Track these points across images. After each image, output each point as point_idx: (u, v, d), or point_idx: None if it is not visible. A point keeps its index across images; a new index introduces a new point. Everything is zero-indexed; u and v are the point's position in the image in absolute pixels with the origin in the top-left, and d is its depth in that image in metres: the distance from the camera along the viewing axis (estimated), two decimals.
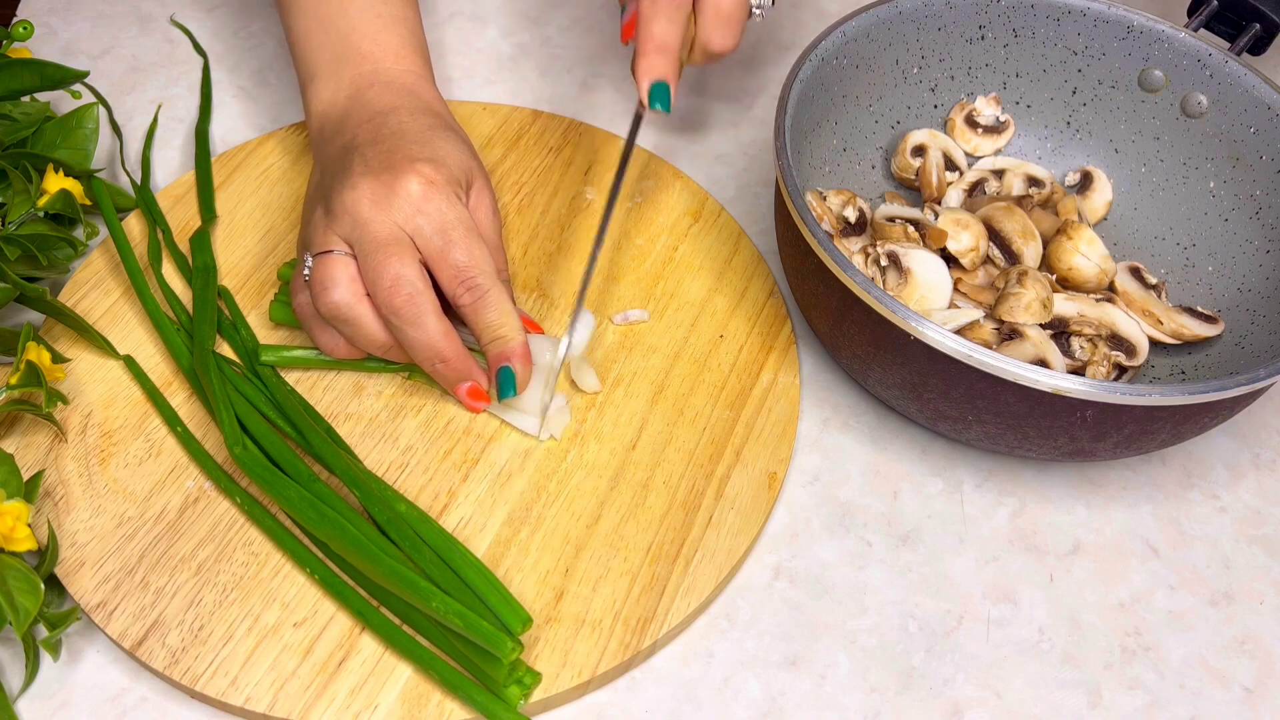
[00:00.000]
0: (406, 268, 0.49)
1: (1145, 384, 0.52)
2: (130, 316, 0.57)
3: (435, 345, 0.50)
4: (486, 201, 0.54)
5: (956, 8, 0.61)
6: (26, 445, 0.52)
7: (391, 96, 0.55)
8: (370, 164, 0.51)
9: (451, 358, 0.51)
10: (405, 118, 0.54)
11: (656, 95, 0.52)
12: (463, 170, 0.52)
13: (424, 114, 0.55)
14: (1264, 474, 0.57)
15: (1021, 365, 0.46)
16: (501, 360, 0.51)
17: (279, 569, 0.49)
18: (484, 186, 0.54)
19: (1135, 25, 0.61)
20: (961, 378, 0.48)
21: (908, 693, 0.48)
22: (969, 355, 0.46)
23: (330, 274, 0.50)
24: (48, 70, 0.60)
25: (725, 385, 0.56)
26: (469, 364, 0.52)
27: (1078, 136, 0.65)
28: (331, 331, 0.52)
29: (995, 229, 0.59)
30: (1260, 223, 0.58)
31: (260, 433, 0.51)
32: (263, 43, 0.72)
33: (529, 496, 0.52)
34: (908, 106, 0.64)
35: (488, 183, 0.55)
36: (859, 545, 0.53)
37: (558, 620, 0.48)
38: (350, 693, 0.45)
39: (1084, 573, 0.53)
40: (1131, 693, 0.49)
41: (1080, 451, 0.50)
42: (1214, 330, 0.57)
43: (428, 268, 0.50)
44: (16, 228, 0.56)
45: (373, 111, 0.54)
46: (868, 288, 0.48)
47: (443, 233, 0.50)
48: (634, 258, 0.61)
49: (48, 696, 0.46)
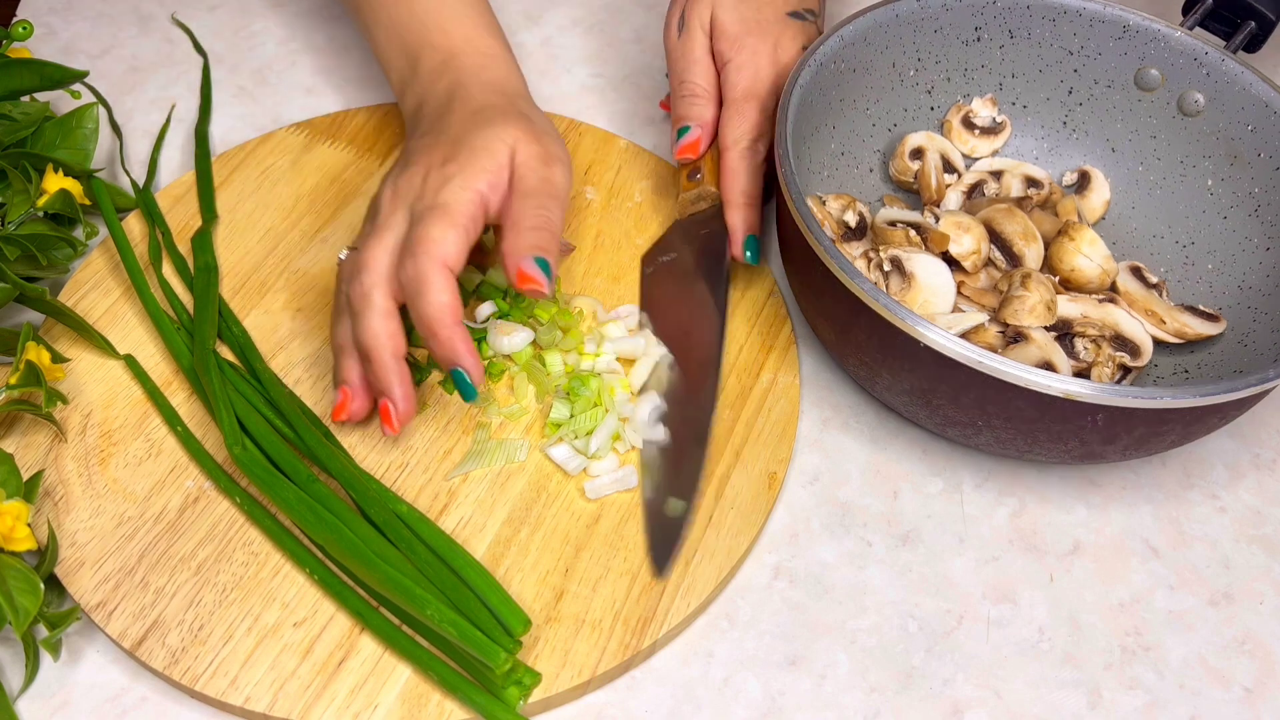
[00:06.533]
0: (375, 258, 0.49)
1: (1157, 386, 0.52)
2: (130, 316, 0.57)
3: (365, 344, 0.49)
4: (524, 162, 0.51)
5: (952, 10, 0.61)
6: (26, 445, 0.52)
7: (455, 85, 0.55)
8: (409, 159, 0.52)
9: (375, 362, 0.49)
10: (459, 108, 0.54)
11: (749, 247, 0.57)
12: (494, 159, 0.50)
13: (485, 96, 0.54)
14: (1264, 474, 0.57)
15: (1034, 371, 0.46)
16: (447, 363, 0.48)
17: (279, 569, 0.49)
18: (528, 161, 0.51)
19: (1131, 25, 0.61)
20: (972, 384, 0.48)
21: (908, 693, 0.48)
22: (980, 362, 0.46)
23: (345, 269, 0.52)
24: (47, 70, 0.60)
25: (725, 385, 0.56)
26: (390, 379, 0.49)
27: (1074, 136, 0.65)
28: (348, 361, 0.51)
29: (996, 231, 0.59)
30: (1259, 220, 0.58)
31: (260, 433, 0.51)
32: (263, 43, 0.72)
33: (529, 496, 0.51)
34: (904, 109, 0.64)
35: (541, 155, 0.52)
36: (859, 545, 0.53)
37: (557, 620, 0.48)
38: (350, 693, 0.45)
39: (1084, 573, 0.53)
40: (1131, 693, 0.49)
41: (1090, 455, 0.50)
42: (1216, 328, 0.57)
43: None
44: (16, 228, 0.56)
45: (437, 103, 0.55)
46: (876, 295, 0.48)
47: (423, 213, 0.49)
48: (634, 257, 0.61)
49: (48, 696, 0.46)
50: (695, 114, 0.59)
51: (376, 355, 0.49)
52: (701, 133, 0.59)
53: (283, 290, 0.58)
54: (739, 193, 0.57)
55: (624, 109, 0.70)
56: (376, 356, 0.49)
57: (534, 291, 0.49)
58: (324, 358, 0.56)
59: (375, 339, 0.49)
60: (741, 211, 0.57)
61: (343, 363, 0.51)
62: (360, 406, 0.51)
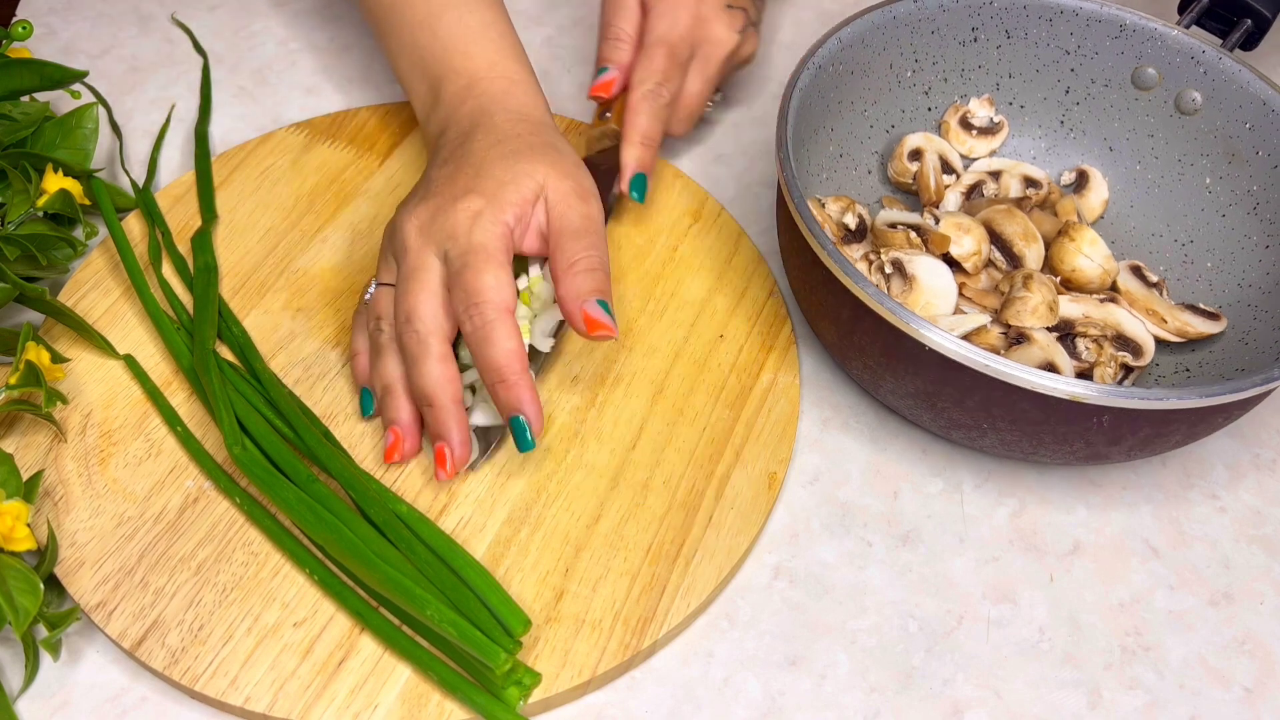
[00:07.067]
0: (424, 304, 0.49)
1: (1161, 387, 0.52)
2: (130, 316, 0.57)
3: (427, 390, 0.49)
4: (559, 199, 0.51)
5: (949, 11, 0.61)
6: (26, 445, 0.52)
7: (479, 111, 0.54)
8: (430, 189, 0.51)
9: (437, 407, 0.49)
10: (482, 136, 0.53)
11: (636, 185, 0.59)
12: (520, 192, 0.50)
13: (509, 125, 0.53)
14: (1264, 474, 0.57)
15: (1040, 373, 0.46)
16: (510, 410, 0.48)
17: (279, 569, 0.49)
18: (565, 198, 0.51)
19: (1128, 24, 0.61)
20: (977, 386, 0.47)
21: (907, 693, 0.48)
22: (985, 364, 0.46)
23: (382, 307, 0.52)
24: (47, 70, 0.60)
25: (725, 385, 0.56)
26: (451, 425, 0.49)
27: (1072, 136, 0.65)
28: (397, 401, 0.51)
29: (996, 232, 0.59)
30: (1258, 218, 0.59)
31: (260, 433, 0.51)
32: (263, 43, 0.72)
33: (529, 496, 0.52)
34: (902, 110, 0.64)
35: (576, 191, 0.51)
36: (859, 545, 0.53)
37: (557, 620, 0.48)
38: (350, 693, 0.45)
39: (1084, 573, 0.53)
40: (1131, 693, 0.49)
41: (1095, 456, 0.50)
42: (1217, 327, 0.57)
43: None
44: (16, 228, 0.56)
45: (459, 130, 0.54)
46: (880, 299, 0.47)
47: (463, 256, 0.49)
48: (634, 257, 0.61)
49: (48, 696, 0.46)
50: (615, 57, 0.62)
51: (439, 402, 0.49)
52: (617, 74, 0.62)
53: (283, 290, 0.58)
54: (636, 131, 0.59)
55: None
56: (439, 403, 0.49)
57: (603, 337, 0.49)
58: (324, 358, 0.56)
59: (437, 385, 0.49)
60: (636, 150, 0.59)
61: (392, 403, 0.51)
62: (412, 447, 0.51)
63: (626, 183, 0.59)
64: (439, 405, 0.49)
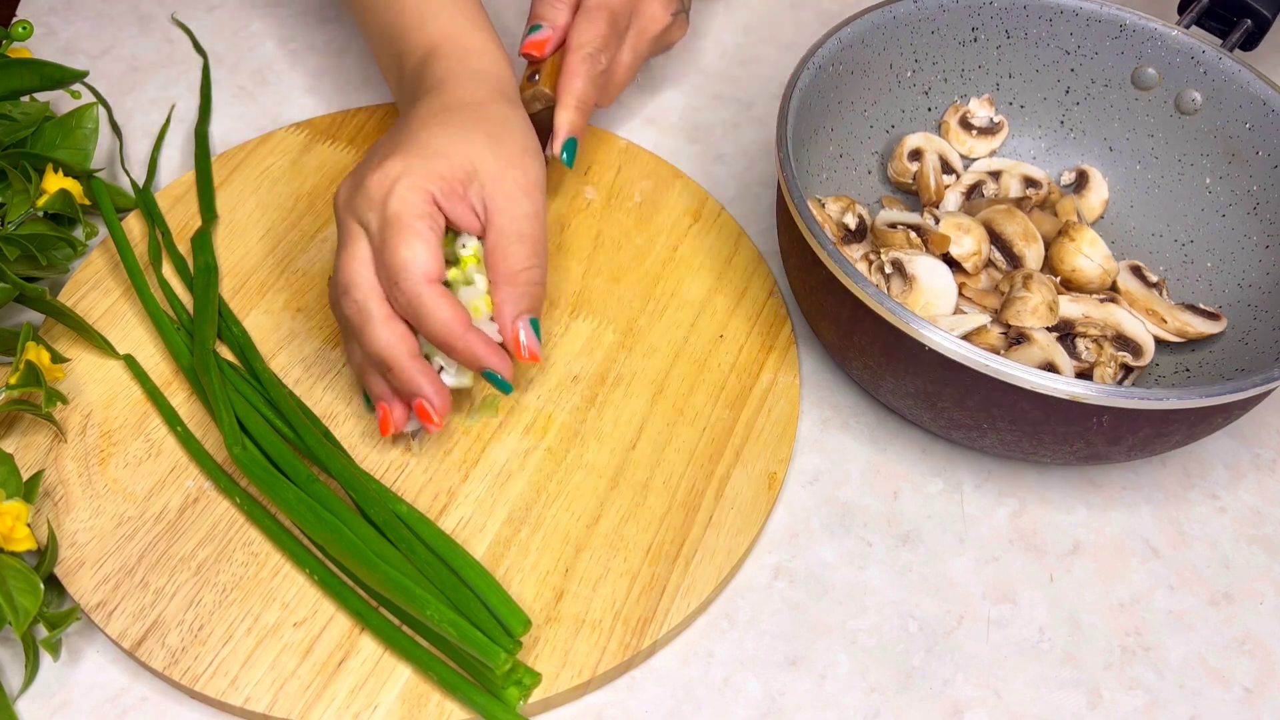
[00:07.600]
0: (355, 273, 0.48)
1: (1161, 387, 0.52)
2: (130, 316, 0.57)
3: (380, 354, 0.48)
4: (502, 191, 0.49)
5: (949, 11, 0.61)
6: (26, 445, 0.52)
7: (435, 82, 0.54)
8: (367, 159, 0.51)
9: (396, 368, 0.48)
10: (427, 103, 0.52)
11: (568, 148, 0.58)
12: (451, 167, 0.49)
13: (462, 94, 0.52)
14: (1264, 474, 0.57)
15: (1040, 373, 0.46)
16: (473, 368, 0.48)
17: (279, 569, 0.49)
18: (508, 192, 0.50)
19: (1128, 24, 0.61)
20: (977, 386, 0.48)
21: (907, 693, 0.48)
22: (985, 364, 0.46)
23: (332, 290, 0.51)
24: (47, 70, 0.60)
25: (725, 385, 0.56)
26: (415, 379, 0.48)
27: (1072, 136, 0.65)
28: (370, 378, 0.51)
29: (996, 232, 0.59)
30: (1258, 218, 0.59)
31: (260, 433, 0.51)
32: (263, 43, 0.72)
33: (529, 496, 0.52)
34: (902, 110, 0.64)
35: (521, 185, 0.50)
36: (859, 545, 0.53)
37: (557, 620, 0.48)
38: (350, 693, 0.45)
39: (1084, 573, 0.53)
40: (1131, 693, 0.49)
41: (1095, 456, 0.50)
42: (1217, 327, 0.57)
43: None
44: (16, 228, 0.56)
45: (412, 98, 0.54)
46: (880, 299, 0.48)
47: (381, 231, 0.47)
48: (634, 257, 0.61)
49: (48, 696, 0.46)
50: (550, 16, 0.60)
51: (393, 361, 0.48)
52: (552, 34, 0.60)
53: (283, 290, 0.58)
54: (571, 95, 0.58)
55: (624, 109, 0.70)
56: (394, 362, 0.48)
57: (531, 362, 0.50)
58: (324, 358, 0.56)
59: (387, 346, 0.48)
60: (570, 113, 0.58)
61: (367, 381, 0.50)
62: (401, 414, 0.50)
63: (559, 147, 0.58)
64: (397, 365, 0.48)
